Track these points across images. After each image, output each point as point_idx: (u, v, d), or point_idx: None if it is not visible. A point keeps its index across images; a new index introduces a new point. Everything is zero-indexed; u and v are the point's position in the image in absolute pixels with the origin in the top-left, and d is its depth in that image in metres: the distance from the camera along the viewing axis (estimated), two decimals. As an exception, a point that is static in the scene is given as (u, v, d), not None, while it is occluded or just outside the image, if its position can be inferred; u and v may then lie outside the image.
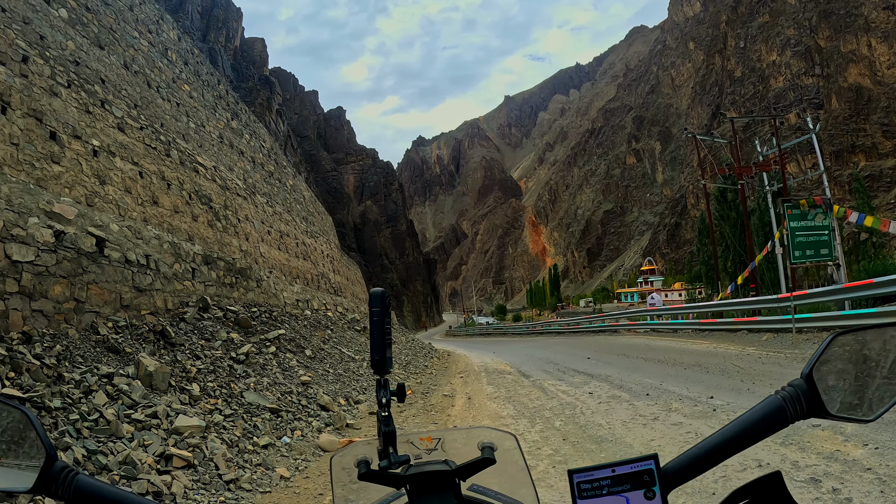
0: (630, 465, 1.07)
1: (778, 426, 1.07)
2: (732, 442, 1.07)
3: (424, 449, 1.32)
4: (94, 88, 15.25)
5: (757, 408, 1.08)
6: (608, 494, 1.05)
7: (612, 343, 25.93)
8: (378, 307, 1.20)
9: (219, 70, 56.13)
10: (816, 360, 1.08)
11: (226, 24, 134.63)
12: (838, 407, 1.07)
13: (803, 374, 1.08)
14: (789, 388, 1.08)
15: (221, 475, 6.65)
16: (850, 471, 5.42)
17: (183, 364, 9.44)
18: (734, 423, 1.09)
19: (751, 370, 12.53)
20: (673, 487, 1.08)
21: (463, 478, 1.20)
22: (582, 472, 1.06)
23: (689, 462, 1.09)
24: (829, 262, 22.15)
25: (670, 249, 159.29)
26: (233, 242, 20.84)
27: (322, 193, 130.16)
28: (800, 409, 1.07)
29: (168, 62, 27.41)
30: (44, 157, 12.02)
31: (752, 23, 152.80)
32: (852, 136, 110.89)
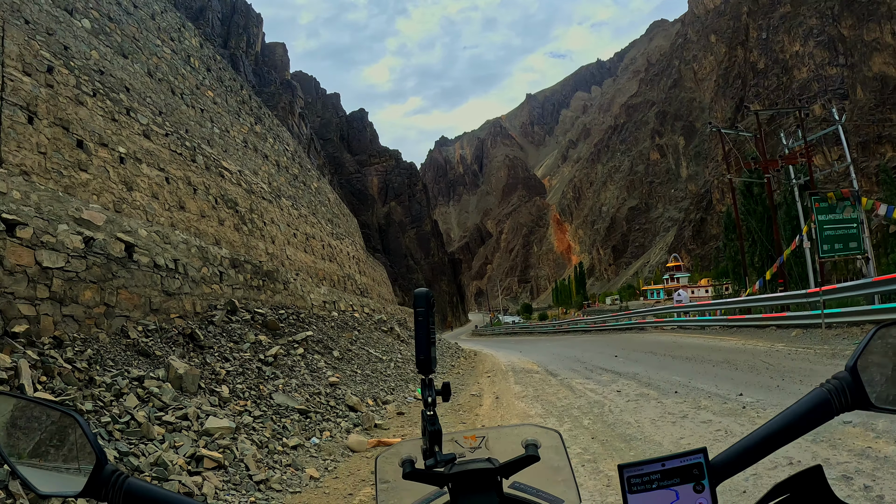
0: (680, 459, 1.08)
1: (824, 418, 1.08)
2: (779, 434, 1.08)
3: (468, 447, 1.33)
4: (119, 96, 15.44)
5: (803, 400, 1.09)
6: (658, 488, 1.06)
7: (639, 340, 25.78)
8: (423, 307, 1.20)
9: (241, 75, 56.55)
10: (861, 353, 1.08)
11: (246, 30, 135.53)
12: (883, 399, 1.07)
13: (848, 367, 1.07)
14: (834, 381, 1.08)
15: (251, 476, 6.71)
16: (882, 467, 5.36)
17: (212, 366, 9.54)
18: (780, 415, 1.09)
19: (780, 366, 12.40)
20: (721, 480, 1.08)
21: (506, 475, 1.21)
22: (632, 467, 1.07)
23: (737, 455, 1.09)
24: (859, 256, 21.87)
25: (696, 245, 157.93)
26: (259, 245, 20.99)
27: (346, 195, 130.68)
28: (845, 402, 1.06)
29: (191, 69, 27.67)
30: (71, 165, 12.20)
31: (773, 13, 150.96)
32: (878, 126, 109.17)
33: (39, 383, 6.53)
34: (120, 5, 22.82)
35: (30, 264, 7.77)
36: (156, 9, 26.84)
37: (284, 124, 58.77)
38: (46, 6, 16.98)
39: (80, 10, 19.38)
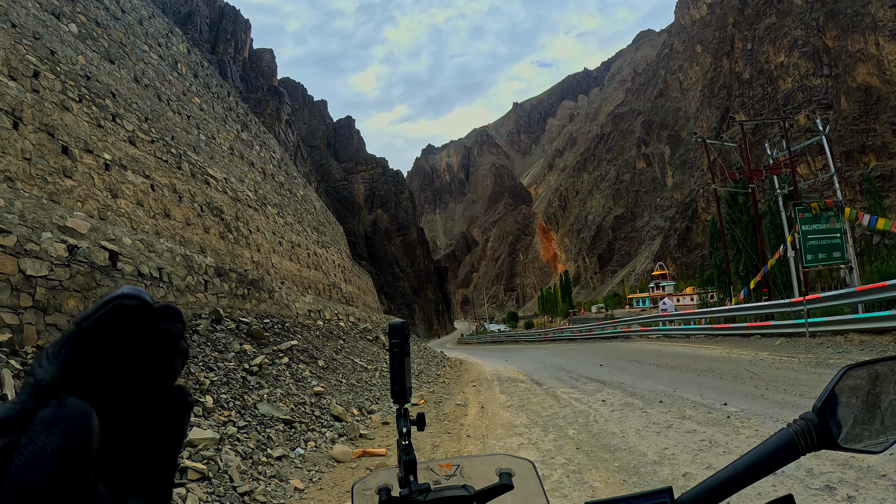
0: (646, 498, 1.09)
1: (789, 459, 1.09)
2: (744, 474, 1.09)
3: (444, 475, 1.34)
4: (105, 102, 15.37)
5: (769, 441, 1.10)
6: None
7: (624, 349, 25.86)
8: (398, 339, 1.22)
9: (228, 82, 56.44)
10: (828, 394, 1.09)
11: (234, 36, 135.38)
12: (849, 439, 1.09)
13: (815, 408, 1.09)
14: (801, 422, 1.09)
15: (236, 487, 6.67)
16: (865, 478, 5.41)
17: (196, 376, 9.49)
18: (746, 456, 1.10)
19: (764, 375, 12.48)
20: None
21: (481, 503, 1.22)
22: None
23: (702, 494, 1.10)
24: (842, 265, 22.05)
25: (681, 254, 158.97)
26: (244, 254, 20.93)
27: (332, 203, 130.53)
28: (811, 442, 1.08)
29: (178, 75, 27.58)
30: (56, 172, 12.13)
31: (759, 24, 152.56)
32: (862, 136, 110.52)
33: (22, 394, 6.46)
34: (107, 10, 22.74)
35: (13, 272, 7.72)
36: (143, 14, 26.75)
37: (271, 131, 58.65)
38: (34, 10, 16.89)
39: (67, 14, 19.29)
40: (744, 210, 36.90)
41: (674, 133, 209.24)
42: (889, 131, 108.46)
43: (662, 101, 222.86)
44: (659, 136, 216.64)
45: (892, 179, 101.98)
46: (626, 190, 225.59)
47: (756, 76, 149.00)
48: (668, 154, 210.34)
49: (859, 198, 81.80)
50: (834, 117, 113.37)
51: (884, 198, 78.28)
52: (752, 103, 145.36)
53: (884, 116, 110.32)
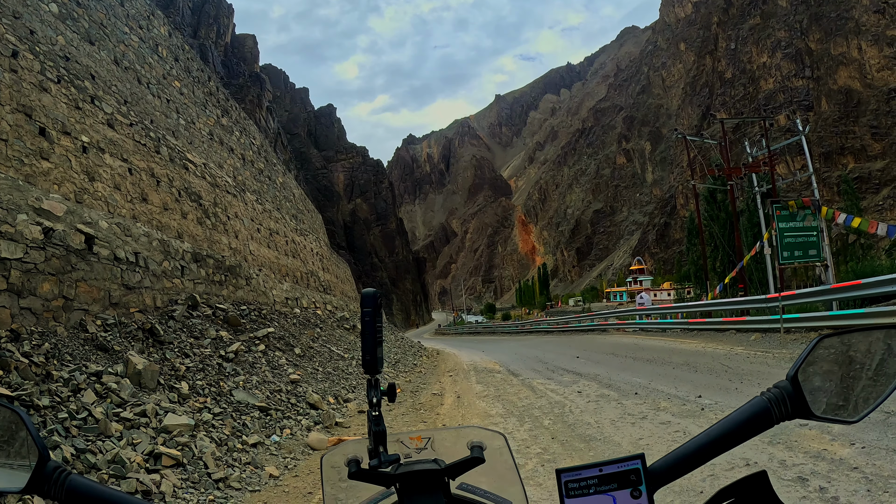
0: (617, 464, 1.08)
1: (763, 427, 1.09)
2: (718, 442, 1.08)
3: (414, 448, 1.33)
4: (84, 84, 15.17)
5: (743, 408, 1.10)
6: (595, 493, 1.06)
7: (601, 342, 25.99)
8: (370, 307, 1.21)
9: (209, 66, 55.86)
10: (802, 363, 1.09)
11: (217, 21, 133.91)
12: (823, 408, 1.08)
13: (788, 376, 1.09)
14: (774, 390, 1.09)
15: (210, 474, 6.64)
16: (837, 469, 5.47)
17: (172, 362, 9.42)
18: (720, 423, 1.10)
19: (739, 369, 12.59)
20: (659, 486, 1.09)
21: (452, 476, 1.21)
22: (570, 472, 1.07)
23: (675, 462, 1.10)
24: (818, 263, 22.27)
25: (659, 249, 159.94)
26: (222, 240, 20.77)
27: (312, 191, 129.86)
28: (785, 410, 1.08)
29: (159, 58, 27.26)
30: (33, 154, 11.95)
31: (743, 25, 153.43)
32: (841, 138, 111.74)
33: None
34: (88, -10, 22.42)
35: (-14, 254, 7.61)
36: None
37: (252, 118, 58.22)
38: (12, -11, 16.62)
39: (46, -6, 19.01)
40: (722, 207, 37.18)
41: (655, 129, 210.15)
42: (868, 134, 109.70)
43: (644, 97, 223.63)
44: (640, 132, 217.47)
45: (870, 181, 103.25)
46: (605, 184, 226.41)
47: (738, 76, 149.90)
48: (649, 150, 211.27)
49: (837, 198, 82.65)
50: (814, 119, 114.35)
51: (861, 199, 79.14)
52: (733, 102, 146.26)
53: (863, 119, 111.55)
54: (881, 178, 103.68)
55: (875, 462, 5.54)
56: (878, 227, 18.81)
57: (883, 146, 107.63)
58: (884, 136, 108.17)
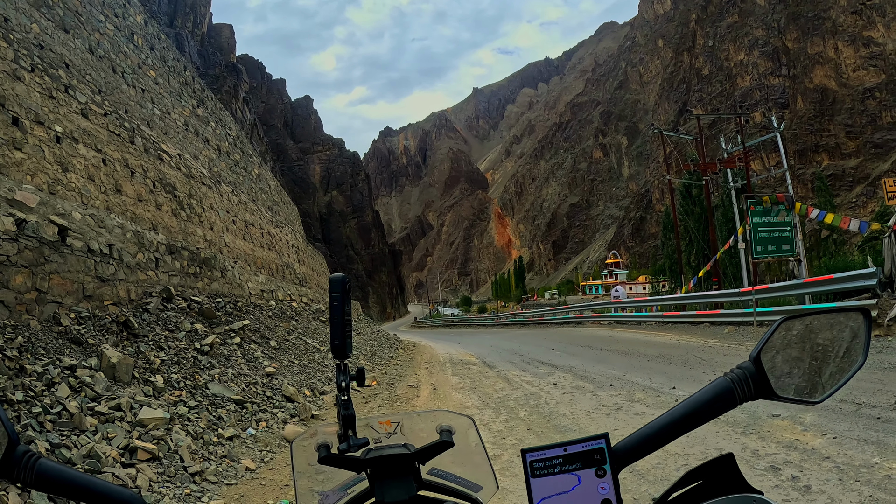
0: (581, 444, 1.10)
1: (726, 407, 1.09)
2: (682, 422, 1.09)
3: (384, 433, 1.33)
4: (58, 73, 14.95)
5: (706, 389, 1.10)
6: (560, 473, 1.07)
7: (576, 335, 26.14)
8: (338, 292, 1.21)
9: (185, 56, 55.28)
10: (764, 344, 1.10)
11: (193, 10, 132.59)
12: (786, 389, 1.09)
13: (751, 357, 1.09)
14: (738, 371, 1.10)
15: (186, 467, 6.60)
16: (809, 459, 5.57)
17: (146, 355, 9.34)
18: (683, 403, 1.11)
19: (713, 362, 12.75)
20: (623, 466, 1.10)
21: (422, 461, 1.23)
22: (535, 451, 1.09)
23: (639, 441, 1.11)
24: (791, 258, 22.56)
25: (635, 243, 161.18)
26: (197, 232, 20.60)
27: (288, 183, 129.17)
28: (748, 391, 1.08)
29: (134, 47, 26.91)
30: (5, 144, 11.77)
31: (721, 22, 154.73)
32: (816, 135, 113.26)
33: (-35, 370, 6.31)
34: (62, -23, 22.06)
35: (-44, 245, 7.49)
36: (99, -17, 26.02)
37: (228, 108, 57.69)
38: (-17, -24, 16.33)
39: (20, -20, 18.69)
40: (697, 202, 37.56)
41: (632, 125, 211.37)
42: (842, 132, 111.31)
43: (622, 92, 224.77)
44: (617, 127, 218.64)
45: (844, 179, 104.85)
46: (582, 178, 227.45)
47: (715, 73, 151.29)
48: (625, 145, 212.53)
49: (811, 195, 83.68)
50: (790, 116, 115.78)
51: (834, 196, 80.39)
52: (709, 99, 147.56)
53: (838, 118, 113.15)
54: (855, 175, 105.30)
55: (846, 452, 5.65)
56: (851, 224, 19.11)
57: (857, 144, 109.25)
58: (858, 135, 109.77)
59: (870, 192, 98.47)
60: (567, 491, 1.07)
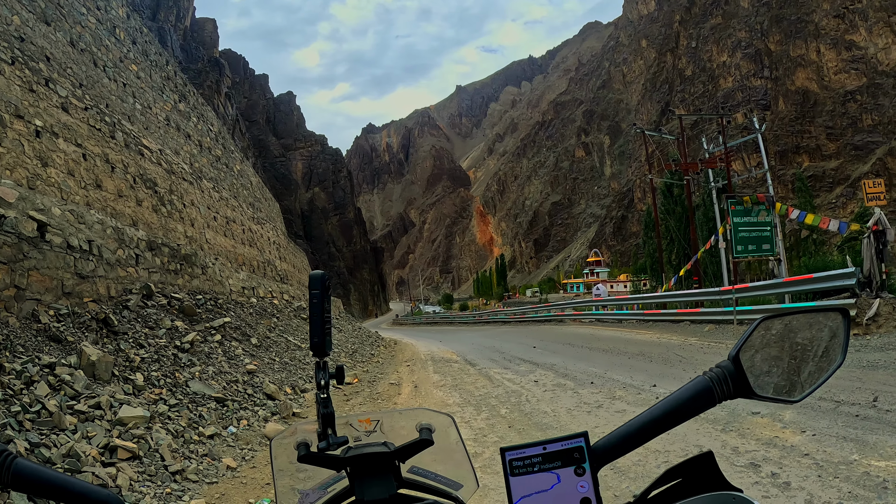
0: (560, 442, 1.10)
1: (705, 406, 1.10)
2: (661, 420, 1.10)
3: (364, 431, 1.34)
4: (38, 66, 14.78)
5: (685, 388, 1.11)
6: (540, 471, 1.08)
7: (557, 332, 26.23)
8: (318, 290, 1.21)
9: (167, 50, 54.80)
10: (744, 343, 1.11)
11: (176, 3, 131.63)
12: (765, 388, 1.10)
13: (730, 356, 1.11)
14: (717, 370, 1.11)
15: (167, 466, 6.56)
16: (789, 456, 5.63)
17: (126, 353, 9.26)
18: (663, 402, 1.11)
19: (693, 360, 12.85)
20: (603, 464, 1.11)
21: (402, 459, 1.23)
22: (514, 450, 1.09)
23: (618, 440, 1.11)
24: (771, 257, 22.77)
25: (616, 242, 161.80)
26: (178, 228, 20.46)
27: (270, 179, 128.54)
28: (727, 390, 1.09)
29: (116, 40, 26.66)
30: (-17, 138, 11.64)
31: (704, 24, 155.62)
32: (797, 137, 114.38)
33: (-58, 367, 6.24)
34: (44, -31, 21.80)
35: (-67, 241, 7.39)
36: (81, -25, 25.73)
37: (210, 103, 57.35)
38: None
39: (0, -28, 18.46)
40: (678, 201, 37.75)
41: (614, 124, 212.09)
42: (823, 134, 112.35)
43: (605, 92, 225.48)
44: (599, 126, 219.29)
45: (824, 180, 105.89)
46: (564, 177, 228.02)
47: (698, 73, 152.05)
48: (608, 144, 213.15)
49: (791, 196, 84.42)
50: (771, 118, 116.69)
51: (815, 197, 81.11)
52: (692, 99, 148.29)
53: (819, 120, 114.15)
54: (835, 177, 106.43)
55: (826, 449, 5.71)
56: (831, 224, 19.29)
57: (837, 146, 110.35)
58: (838, 137, 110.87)
59: (849, 194, 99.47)
60: (546, 489, 1.07)
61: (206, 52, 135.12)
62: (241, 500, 6.14)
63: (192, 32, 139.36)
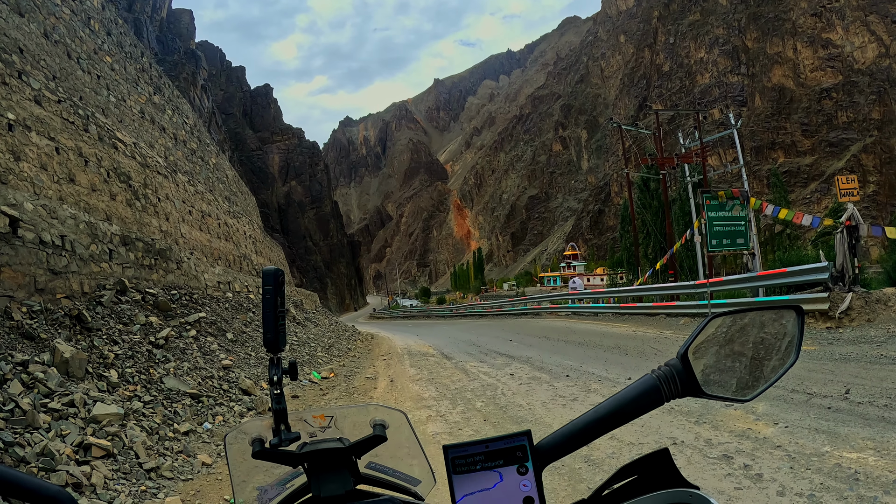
0: (503, 441, 1.10)
1: (652, 405, 1.09)
2: (607, 419, 1.10)
3: (318, 426, 1.33)
4: (11, 58, 14.55)
5: (632, 387, 1.10)
6: (482, 469, 1.08)
7: (534, 326, 26.34)
8: (270, 286, 1.20)
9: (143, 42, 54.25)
10: (692, 341, 1.10)
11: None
12: (713, 387, 1.09)
13: (679, 354, 1.09)
14: (665, 368, 1.10)
15: (142, 464, 6.52)
16: (761, 448, 5.72)
17: (100, 350, 9.18)
18: (609, 401, 1.11)
19: (668, 353, 12.93)
20: (547, 464, 1.10)
21: (358, 455, 1.23)
22: (456, 448, 1.09)
23: (562, 439, 1.11)
24: (745, 251, 22.98)
25: (593, 235, 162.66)
26: (152, 222, 20.28)
27: (246, 173, 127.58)
28: (674, 388, 1.08)
29: (90, 32, 26.30)
30: (-47, 132, 11.46)
31: (682, 20, 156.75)
32: (773, 133, 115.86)
33: (-88, 365, 6.15)
34: (17, -41, 21.44)
35: None
36: (55, -35, 25.33)
37: (185, 96, 56.79)
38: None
39: (-28, -38, 18.14)
40: (655, 196, 37.94)
41: (591, 118, 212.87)
42: (798, 131, 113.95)
43: (583, 86, 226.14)
44: (577, 121, 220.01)
45: (799, 176, 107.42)
46: (541, 171, 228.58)
47: (675, 69, 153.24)
48: (585, 138, 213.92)
49: (766, 191, 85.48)
50: (747, 114, 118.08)
51: (789, 192, 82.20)
52: (669, 95, 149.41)
53: (794, 117, 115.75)
54: (809, 172, 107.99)
55: (798, 441, 5.81)
56: (804, 218, 19.51)
57: (812, 143, 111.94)
58: (813, 134, 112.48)
59: (824, 190, 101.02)
60: (489, 488, 1.07)
61: (183, 43, 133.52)
62: (216, 496, 6.12)
63: (168, 24, 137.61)
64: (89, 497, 5.48)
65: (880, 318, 12.62)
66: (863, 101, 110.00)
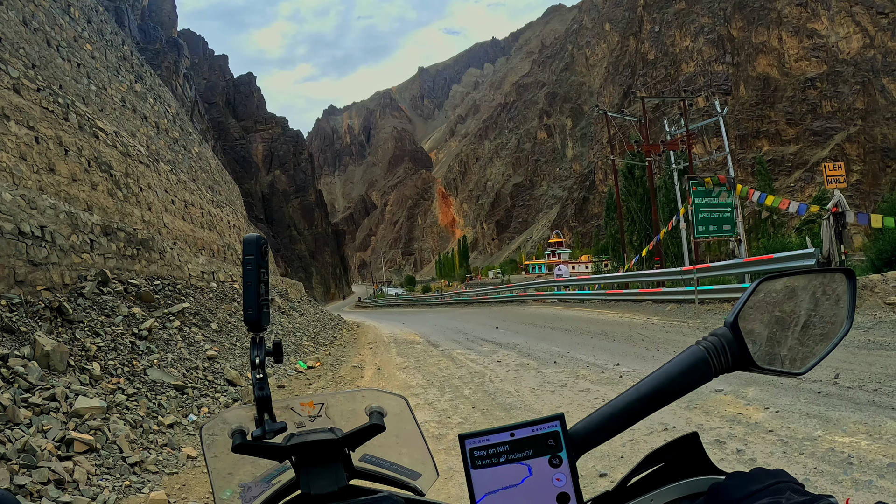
0: (532, 427, 0.93)
1: (701, 380, 0.96)
2: (650, 399, 0.96)
3: (307, 415, 1.16)
4: (-14, 47, 14.33)
5: (677, 360, 0.97)
6: (507, 462, 0.92)
7: (520, 313, 26.36)
8: (252, 255, 1.04)
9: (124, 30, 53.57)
10: (742, 307, 0.96)
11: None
12: (766, 359, 0.96)
13: (727, 323, 0.96)
14: (713, 338, 0.97)
15: (125, 458, 6.41)
16: (753, 433, 5.71)
17: (82, 342, 9.04)
18: (651, 377, 0.97)
19: (655, 338, 12.99)
20: (582, 452, 0.95)
21: (352, 447, 1.10)
22: (476, 437, 0.93)
23: (600, 423, 0.96)
24: (731, 238, 23.09)
25: (578, 223, 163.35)
26: (134, 212, 20.06)
27: (230, 162, 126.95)
28: (724, 362, 0.95)
29: (70, 19, 25.92)
30: (-72, 121, 11.24)
31: (668, 9, 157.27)
32: (757, 122, 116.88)
33: None
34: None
35: None
36: (32, -48, 24.93)
37: (168, 85, 56.23)
38: None
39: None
40: (640, 183, 38.12)
41: (576, 106, 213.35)
42: (783, 120, 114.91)
43: (567, 74, 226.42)
44: (562, 109, 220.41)
45: (783, 164, 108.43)
46: (526, 159, 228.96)
47: (660, 58, 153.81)
48: (570, 126, 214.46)
49: (751, 179, 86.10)
50: (732, 102, 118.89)
51: (774, 180, 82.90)
52: (654, 83, 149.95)
53: (779, 106, 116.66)
54: (794, 161, 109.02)
55: (789, 425, 5.79)
56: (790, 205, 19.59)
57: (797, 132, 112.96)
58: (798, 123, 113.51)
59: (808, 178, 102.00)
60: (516, 484, 0.91)
61: (165, 32, 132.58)
62: (202, 490, 6.02)
63: (150, 12, 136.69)
64: (72, 493, 5.37)
65: (867, 304, 12.66)
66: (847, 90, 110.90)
